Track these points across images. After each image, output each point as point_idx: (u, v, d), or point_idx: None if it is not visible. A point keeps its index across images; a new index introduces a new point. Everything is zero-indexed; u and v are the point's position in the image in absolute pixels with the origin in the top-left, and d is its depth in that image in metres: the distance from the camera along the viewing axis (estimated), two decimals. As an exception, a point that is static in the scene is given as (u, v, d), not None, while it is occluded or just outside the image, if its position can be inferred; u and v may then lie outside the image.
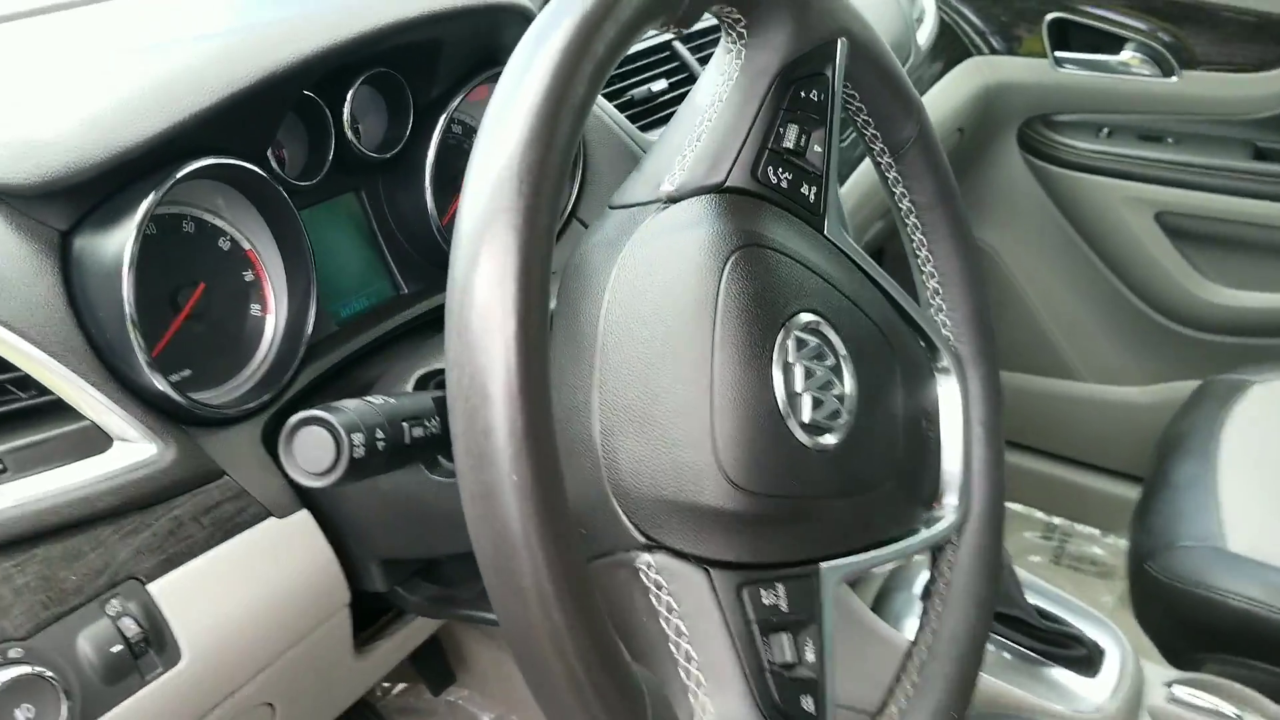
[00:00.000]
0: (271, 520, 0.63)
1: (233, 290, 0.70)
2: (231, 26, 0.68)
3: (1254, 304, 1.86)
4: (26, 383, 0.57)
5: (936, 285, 0.69)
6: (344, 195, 0.78)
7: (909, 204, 0.69)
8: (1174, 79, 1.77)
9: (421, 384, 0.65)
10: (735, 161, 0.60)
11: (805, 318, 0.56)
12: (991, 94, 1.94)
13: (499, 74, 0.87)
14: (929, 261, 0.69)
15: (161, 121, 0.59)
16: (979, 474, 0.66)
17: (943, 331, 0.69)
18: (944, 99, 1.84)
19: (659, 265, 0.56)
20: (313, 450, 0.48)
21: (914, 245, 0.69)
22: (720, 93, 0.60)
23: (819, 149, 0.62)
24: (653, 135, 1.03)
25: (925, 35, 1.77)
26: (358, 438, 0.49)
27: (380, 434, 0.50)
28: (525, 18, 0.82)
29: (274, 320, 0.71)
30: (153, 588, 0.58)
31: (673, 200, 0.60)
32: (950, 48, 1.90)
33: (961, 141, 1.93)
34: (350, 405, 0.51)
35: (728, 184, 0.59)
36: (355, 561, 0.68)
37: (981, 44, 1.93)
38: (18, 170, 0.58)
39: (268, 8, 0.71)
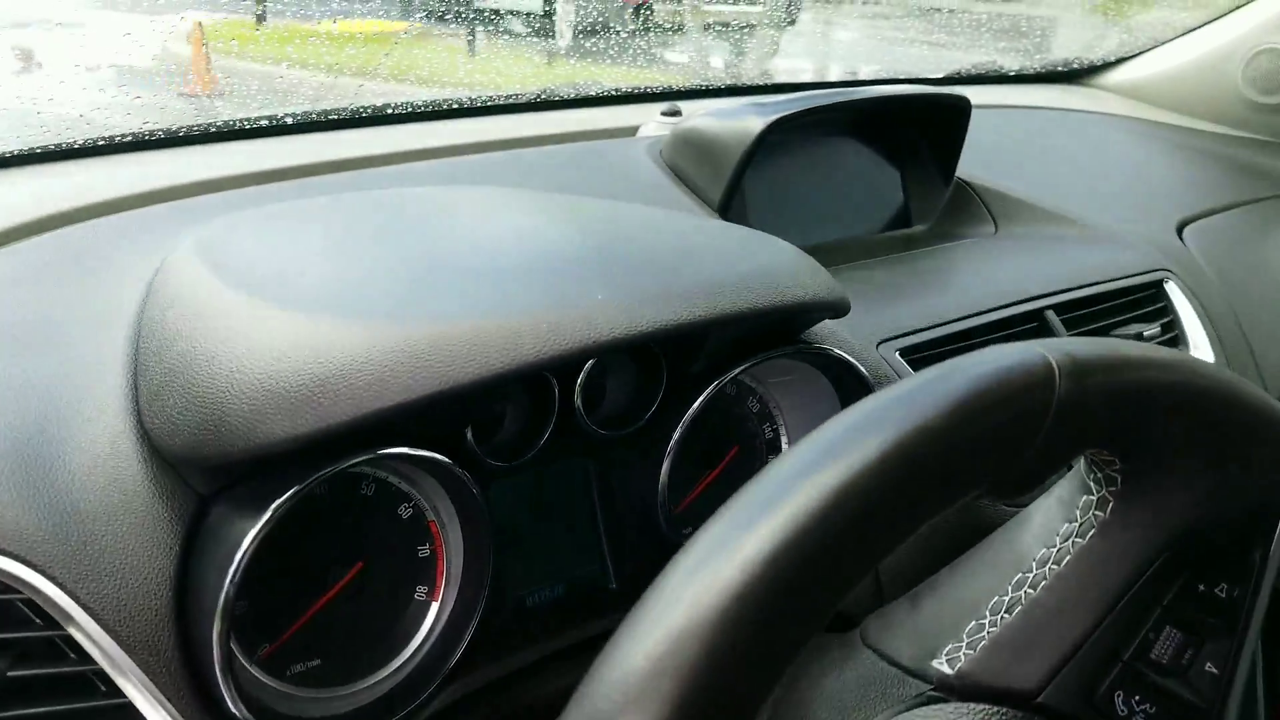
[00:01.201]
0: None
1: (400, 567, 0.58)
2: (479, 302, 0.54)
3: None
4: (104, 678, 0.48)
5: None
6: (566, 461, 0.65)
7: None
8: None
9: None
10: (1064, 667, 0.38)
11: None
12: None
13: (793, 352, 0.72)
14: None
15: (357, 410, 0.48)
16: None
17: None
18: None
19: None
20: None
21: None
22: (1062, 547, 0.39)
23: (1212, 670, 0.38)
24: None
25: None
26: None
27: None
28: (833, 309, 0.64)
29: (438, 609, 0.59)
30: None
31: (946, 689, 0.39)
32: None
33: None
34: None
35: (1043, 700, 0.38)
36: None
37: None
38: (191, 438, 0.49)
39: (541, 279, 0.57)
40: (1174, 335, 0.95)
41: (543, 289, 0.55)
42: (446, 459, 0.53)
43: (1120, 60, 1.75)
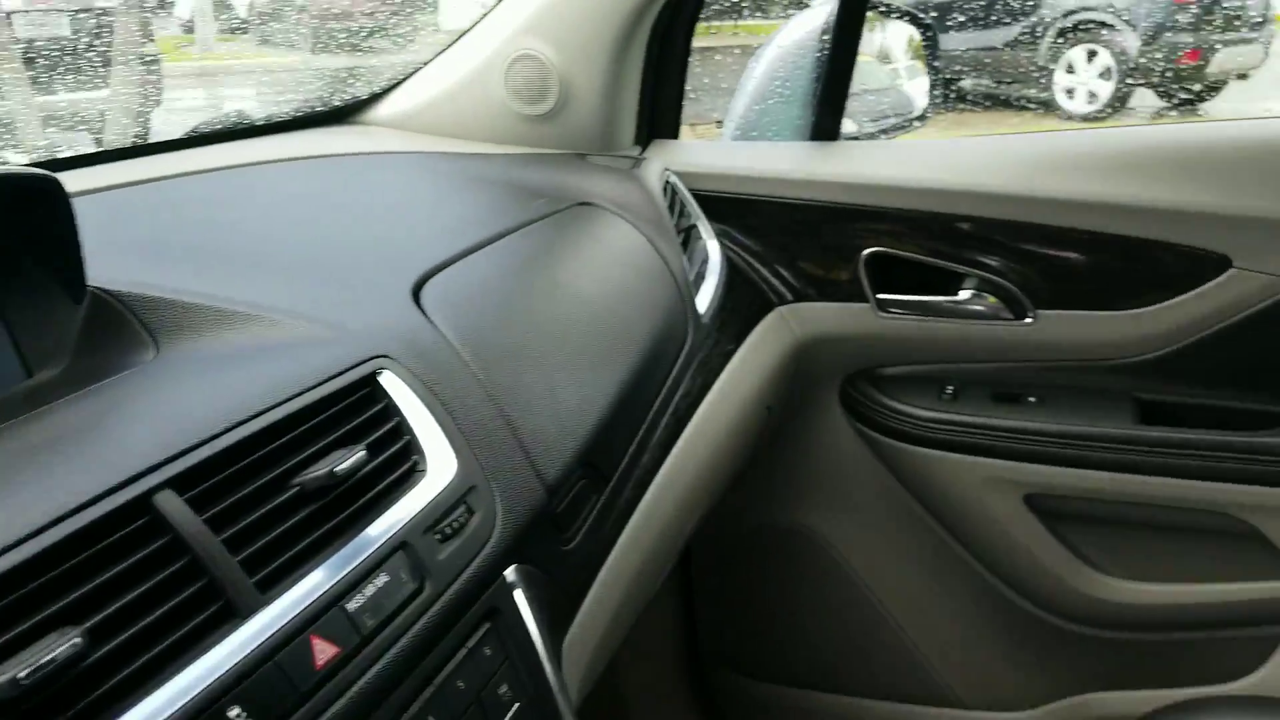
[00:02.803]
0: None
1: None
2: None
3: (1156, 599, 1.44)
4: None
5: None
6: None
7: None
8: (1028, 320, 1.38)
9: None
10: None
11: None
12: (804, 350, 1.50)
13: None
14: None
15: None
16: None
17: None
18: (746, 372, 1.37)
19: None
20: None
21: None
22: None
23: None
24: None
25: (709, 295, 1.31)
26: None
27: None
28: None
29: None
30: None
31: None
32: (747, 301, 1.46)
33: (771, 420, 1.46)
34: None
35: None
36: None
37: (784, 290, 1.50)
38: None
39: None
40: (402, 445, 0.70)
41: None
42: None
43: (389, 89, 1.54)
